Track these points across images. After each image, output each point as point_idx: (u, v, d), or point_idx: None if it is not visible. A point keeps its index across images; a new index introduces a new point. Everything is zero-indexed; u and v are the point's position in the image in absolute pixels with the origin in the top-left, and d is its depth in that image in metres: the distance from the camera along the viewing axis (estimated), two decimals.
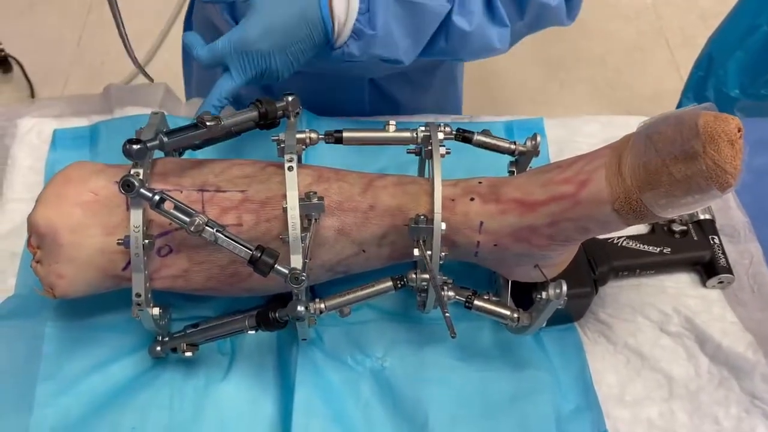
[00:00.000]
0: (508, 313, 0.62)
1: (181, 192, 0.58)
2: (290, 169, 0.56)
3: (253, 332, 0.60)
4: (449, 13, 0.67)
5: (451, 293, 0.62)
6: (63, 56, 1.98)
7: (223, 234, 0.53)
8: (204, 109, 0.62)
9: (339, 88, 0.68)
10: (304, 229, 0.56)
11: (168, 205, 0.53)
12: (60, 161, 0.77)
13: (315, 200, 0.56)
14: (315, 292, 0.70)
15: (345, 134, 0.62)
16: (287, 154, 0.57)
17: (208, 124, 0.57)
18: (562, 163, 0.58)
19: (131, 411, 0.63)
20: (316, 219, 0.57)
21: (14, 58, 1.96)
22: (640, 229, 0.76)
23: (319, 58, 0.66)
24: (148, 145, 0.55)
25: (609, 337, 0.70)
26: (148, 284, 0.57)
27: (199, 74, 1.02)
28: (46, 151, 0.79)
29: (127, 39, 0.76)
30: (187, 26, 1.02)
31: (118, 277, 0.59)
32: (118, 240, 0.55)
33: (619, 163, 0.53)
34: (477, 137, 0.64)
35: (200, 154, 0.69)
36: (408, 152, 0.65)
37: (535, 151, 0.64)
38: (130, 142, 0.53)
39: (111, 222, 0.57)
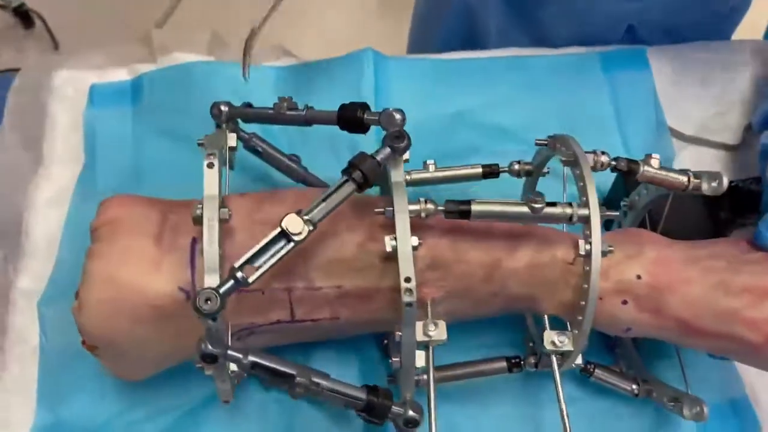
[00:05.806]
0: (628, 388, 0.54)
1: (263, 293, 0.47)
2: (408, 293, 0.42)
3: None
4: None
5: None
6: (87, 8, 1.88)
7: (326, 386, 0.44)
8: None
9: None
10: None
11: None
12: (99, 120, 0.68)
13: (433, 333, 0.45)
14: None
15: (474, 207, 0.46)
16: (402, 264, 0.42)
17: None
18: (758, 261, 0.46)
19: None
20: None
21: (36, 12, 1.87)
22: None
23: None
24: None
25: None
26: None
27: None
28: (84, 104, 0.69)
29: None
30: None
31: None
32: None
33: None
34: (645, 169, 0.48)
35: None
36: None
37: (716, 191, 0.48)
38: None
39: (181, 329, 0.47)
